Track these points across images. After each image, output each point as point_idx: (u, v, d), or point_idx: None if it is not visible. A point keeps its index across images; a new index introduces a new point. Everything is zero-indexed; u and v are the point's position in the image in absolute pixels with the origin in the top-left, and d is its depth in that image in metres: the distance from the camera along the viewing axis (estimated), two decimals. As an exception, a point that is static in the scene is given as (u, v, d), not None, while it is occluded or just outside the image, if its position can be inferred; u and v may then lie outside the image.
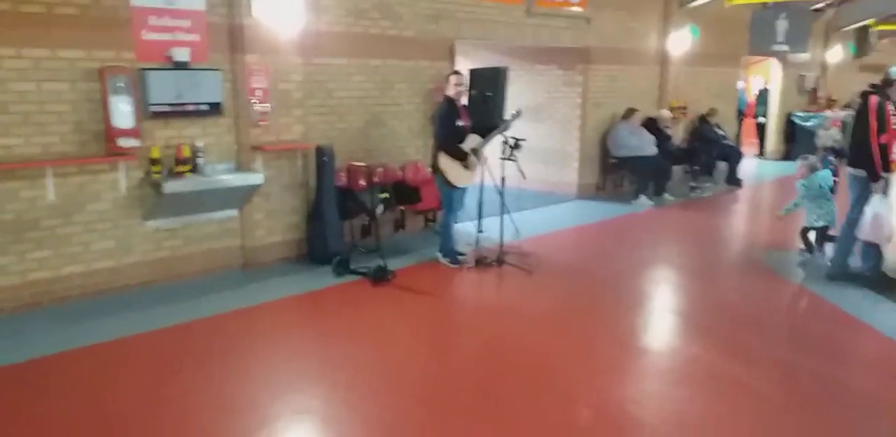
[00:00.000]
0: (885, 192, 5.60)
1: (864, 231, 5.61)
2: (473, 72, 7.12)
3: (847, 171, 5.80)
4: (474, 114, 6.22)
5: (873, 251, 5.70)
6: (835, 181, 6.92)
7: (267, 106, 5.81)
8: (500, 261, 6.20)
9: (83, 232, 5.11)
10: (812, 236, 6.52)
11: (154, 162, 5.23)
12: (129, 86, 5.03)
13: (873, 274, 5.72)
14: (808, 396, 3.88)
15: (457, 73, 6.24)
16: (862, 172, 5.57)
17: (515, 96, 9.15)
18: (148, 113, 5.21)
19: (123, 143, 5.03)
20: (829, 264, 6.02)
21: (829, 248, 6.30)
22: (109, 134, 5.03)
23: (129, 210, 5.30)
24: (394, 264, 5.94)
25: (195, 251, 5.72)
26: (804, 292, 5.70)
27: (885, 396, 3.84)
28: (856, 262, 5.89)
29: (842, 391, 3.94)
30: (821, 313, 5.37)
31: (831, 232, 6.39)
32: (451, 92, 6.04)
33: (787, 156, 13.43)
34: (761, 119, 14.05)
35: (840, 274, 5.82)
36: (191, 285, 5.50)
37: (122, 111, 5.03)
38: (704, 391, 3.92)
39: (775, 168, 12.64)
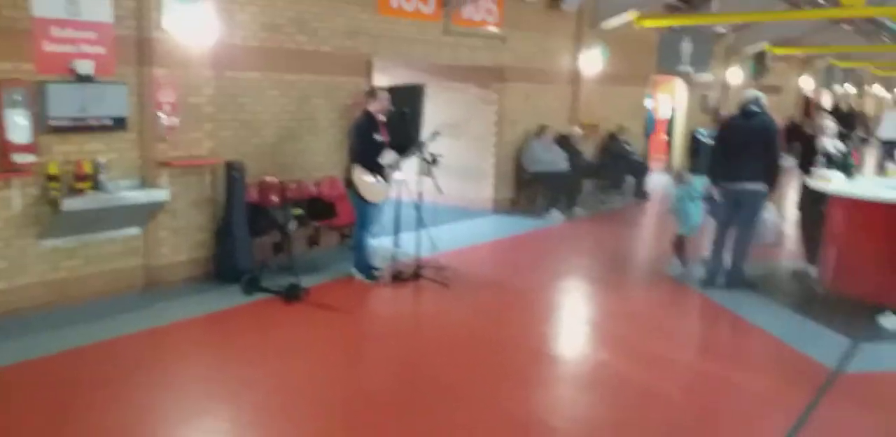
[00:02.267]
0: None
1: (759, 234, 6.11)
2: (392, 88, 7.18)
3: (740, 188, 5.95)
4: (392, 130, 6.27)
5: (739, 254, 6.09)
6: None
7: (175, 120, 5.69)
8: (416, 275, 6.26)
9: (-28, 252, 4.84)
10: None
11: (52, 178, 5.02)
12: (26, 99, 4.84)
13: (740, 274, 6.11)
14: (709, 396, 4.11)
15: (382, 89, 6.28)
16: (762, 187, 5.92)
17: (433, 113, 9.28)
18: (47, 127, 5.00)
19: (18, 158, 4.83)
20: (706, 272, 6.35)
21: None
22: (3, 149, 4.80)
23: (23, 229, 5.05)
24: (307, 281, 5.88)
25: (95, 272, 5.49)
26: (702, 299, 6.01)
27: (777, 395, 4.10)
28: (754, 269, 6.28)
29: (739, 393, 4.18)
30: (718, 318, 5.70)
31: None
32: (374, 107, 6.06)
33: (692, 170, 14.09)
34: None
35: (736, 282, 6.17)
36: (90, 308, 5.27)
37: (18, 125, 4.83)
38: (612, 396, 4.09)
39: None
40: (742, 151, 5.92)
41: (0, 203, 4.92)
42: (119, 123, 5.38)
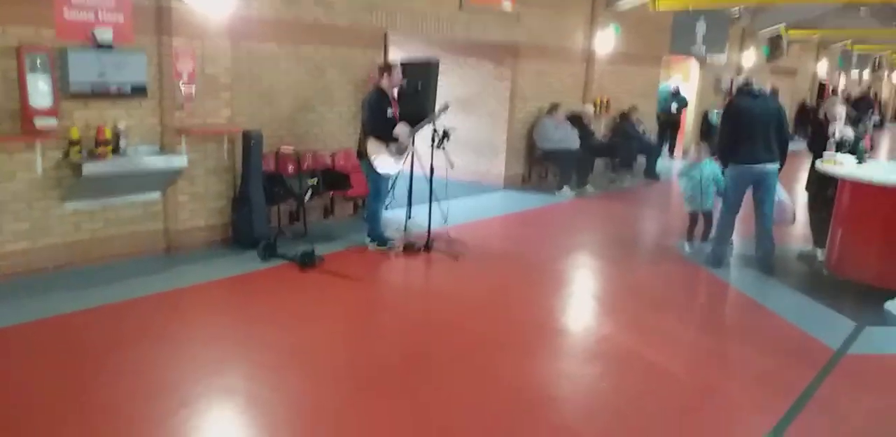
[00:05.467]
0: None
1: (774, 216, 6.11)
2: (405, 63, 7.23)
3: (759, 169, 5.86)
4: (404, 105, 6.31)
5: (768, 238, 6.11)
6: None
7: (193, 89, 5.75)
8: (427, 247, 6.35)
9: (-5, 213, 4.95)
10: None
11: (73, 143, 5.11)
12: (47, 64, 4.90)
13: (770, 259, 6.13)
14: (712, 374, 4.16)
15: (395, 65, 6.30)
16: (777, 166, 5.95)
17: (447, 89, 9.29)
18: (68, 93, 5.08)
19: (40, 122, 4.91)
20: (709, 251, 6.37)
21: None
22: (26, 113, 4.89)
23: (45, 191, 5.16)
24: (322, 249, 5.98)
25: (116, 234, 5.61)
26: (710, 277, 6.09)
27: (780, 373, 4.16)
28: (751, 248, 6.33)
29: (742, 370, 4.25)
30: (725, 297, 5.77)
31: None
32: (387, 83, 6.09)
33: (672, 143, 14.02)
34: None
35: (720, 261, 6.23)
36: (111, 269, 5.40)
37: (40, 90, 4.91)
38: (617, 369, 4.16)
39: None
40: (756, 131, 5.87)
41: (23, 166, 5.03)
42: (138, 91, 5.45)
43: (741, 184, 6.05)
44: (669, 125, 13.84)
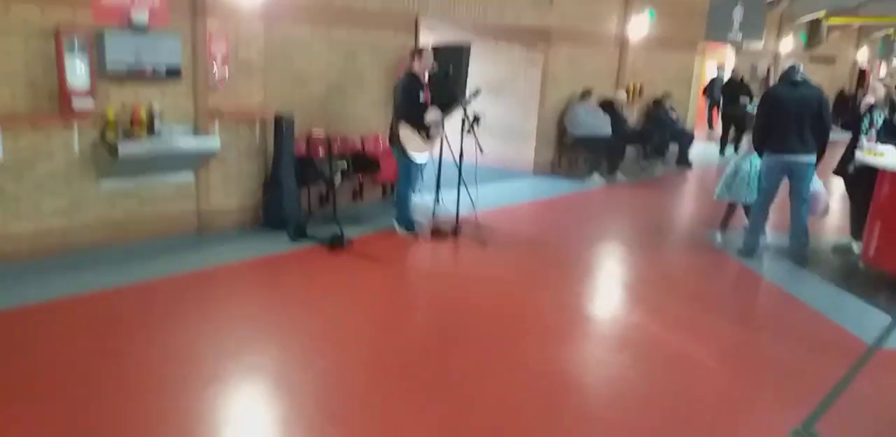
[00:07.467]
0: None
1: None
2: (436, 48, 7.20)
3: (792, 160, 5.78)
4: (435, 90, 6.29)
5: (802, 230, 6.00)
6: None
7: (226, 71, 5.78)
8: (455, 232, 6.35)
9: (33, 191, 5.06)
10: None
11: (110, 123, 5.20)
12: (85, 46, 4.97)
13: (804, 251, 6.02)
14: (742, 365, 4.11)
15: (426, 50, 6.27)
16: (813, 158, 5.82)
17: (478, 74, 9.23)
18: (104, 74, 5.15)
19: (78, 103, 4.99)
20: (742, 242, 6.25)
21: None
22: (64, 94, 4.97)
23: (82, 170, 5.26)
24: (351, 232, 6.02)
25: (150, 213, 5.71)
26: (741, 268, 6.00)
27: (811, 367, 4.08)
28: (785, 240, 6.21)
29: (772, 362, 4.18)
30: (756, 288, 5.69)
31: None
32: (419, 67, 6.08)
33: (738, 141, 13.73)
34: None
35: (752, 251, 6.14)
36: (144, 247, 5.50)
37: (78, 71, 4.99)
38: (644, 357, 4.13)
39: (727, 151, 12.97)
40: (792, 121, 5.74)
41: (62, 145, 5.13)
42: (173, 73, 5.49)
43: (773, 173, 5.94)
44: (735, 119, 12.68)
